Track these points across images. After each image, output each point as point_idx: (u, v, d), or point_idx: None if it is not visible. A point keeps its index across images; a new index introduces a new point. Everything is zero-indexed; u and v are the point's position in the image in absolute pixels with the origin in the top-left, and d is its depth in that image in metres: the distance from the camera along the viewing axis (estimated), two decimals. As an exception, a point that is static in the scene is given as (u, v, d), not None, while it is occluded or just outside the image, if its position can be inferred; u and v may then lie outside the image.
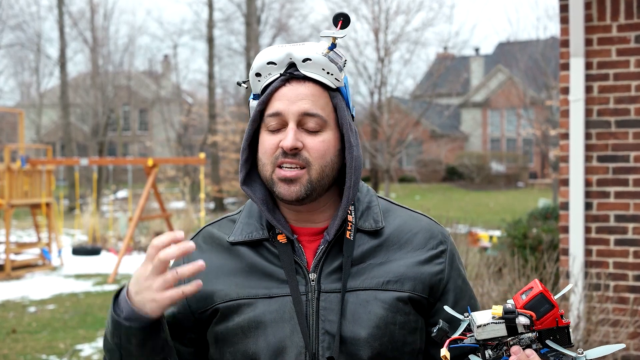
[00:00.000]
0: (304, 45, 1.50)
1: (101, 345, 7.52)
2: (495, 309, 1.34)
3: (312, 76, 1.49)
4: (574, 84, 4.86)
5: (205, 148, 26.87)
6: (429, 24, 21.26)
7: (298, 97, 1.48)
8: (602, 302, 4.67)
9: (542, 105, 24.20)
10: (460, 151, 41.80)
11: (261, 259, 1.54)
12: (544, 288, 1.34)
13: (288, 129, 1.48)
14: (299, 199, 1.49)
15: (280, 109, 1.48)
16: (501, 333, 1.33)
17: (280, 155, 1.48)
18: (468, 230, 12.89)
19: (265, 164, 1.51)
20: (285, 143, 1.46)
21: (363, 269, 1.52)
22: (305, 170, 1.48)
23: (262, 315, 1.49)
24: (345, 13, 1.51)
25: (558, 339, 1.36)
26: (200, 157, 14.25)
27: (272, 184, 1.50)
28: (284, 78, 1.49)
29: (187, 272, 1.39)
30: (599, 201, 4.88)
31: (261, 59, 1.50)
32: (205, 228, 1.64)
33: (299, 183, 1.48)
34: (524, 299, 1.34)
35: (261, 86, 1.52)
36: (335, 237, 1.53)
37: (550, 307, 1.33)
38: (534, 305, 1.33)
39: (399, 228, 1.58)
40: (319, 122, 1.49)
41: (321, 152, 1.49)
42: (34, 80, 35.39)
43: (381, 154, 19.72)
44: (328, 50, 1.47)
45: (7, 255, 12.11)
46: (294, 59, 1.48)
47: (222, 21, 28.58)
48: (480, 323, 1.33)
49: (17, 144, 15.45)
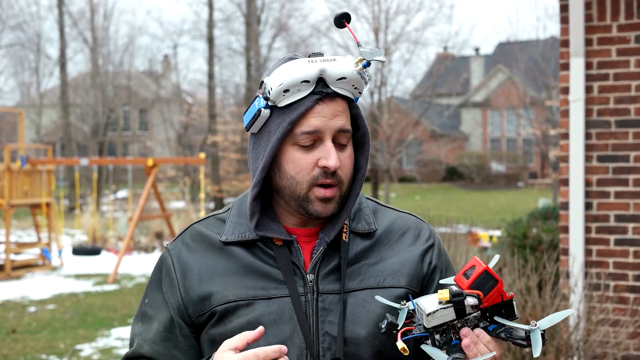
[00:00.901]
0: (337, 62, 1.46)
1: (101, 345, 7.52)
2: (442, 293, 1.32)
3: (343, 93, 1.48)
4: (574, 84, 4.86)
5: (205, 148, 26.86)
6: (429, 24, 21.22)
7: (333, 114, 1.47)
8: (602, 302, 4.67)
9: (542, 105, 24.20)
10: (460, 151, 41.80)
11: (256, 260, 1.53)
12: (486, 264, 1.33)
13: (327, 147, 1.47)
14: (331, 215, 1.51)
15: (317, 126, 1.46)
16: (450, 317, 1.32)
17: (321, 176, 1.47)
18: (468, 230, 12.90)
19: (300, 182, 1.48)
20: (331, 163, 1.45)
21: (358, 270, 1.53)
22: (338, 187, 1.50)
23: (261, 317, 1.49)
24: (347, 13, 1.50)
25: (504, 314, 1.35)
26: (200, 157, 14.25)
27: (306, 202, 1.49)
28: (318, 98, 1.46)
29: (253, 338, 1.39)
30: (599, 201, 4.88)
31: (294, 76, 1.43)
32: (192, 226, 1.62)
33: (334, 201, 1.50)
34: (468, 279, 1.32)
35: (286, 101, 1.46)
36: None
37: (495, 283, 1.32)
38: (479, 283, 1.31)
39: (388, 228, 1.60)
40: (348, 137, 1.51)
41: (350, 168, 1.52)
42: (34, 80, 35.39)
43: (381, 154, 19.72)
44: (361, 67, 1.46)
45: (7, 255, 12.11)
46: (327, 77, 1.45)
47: (222, 21, 28.56)
48: (430, 310, 1.31)
49: (17, 144, 15.45)
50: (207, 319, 1.53)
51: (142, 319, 1.59)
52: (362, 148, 1.55)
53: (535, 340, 1.31)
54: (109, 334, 8.05)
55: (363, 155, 1.55)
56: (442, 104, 34.50)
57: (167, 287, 1.57)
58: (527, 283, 4.50)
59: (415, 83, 25.53)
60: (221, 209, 1.65)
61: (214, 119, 25.07)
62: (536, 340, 1.31)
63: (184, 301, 1.54)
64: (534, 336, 1.31)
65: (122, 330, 8.21)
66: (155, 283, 1.60)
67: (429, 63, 28.06)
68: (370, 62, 1.46)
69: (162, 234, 16.00)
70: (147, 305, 1.60)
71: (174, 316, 1.55)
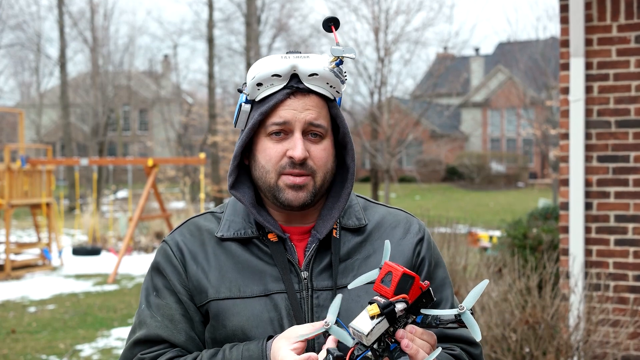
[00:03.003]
0: (309, 59, 1.51)
1: (101, 345, 7.52)
2: (371, 309, 1.32)
3: (316, 90, 1.53)
4: (574, 84, 4.86)
5: (205, 148, 26.87)
6: (429, 24, 21.22)
7: (304, 108, 1.52)
8: (602, 302, 4.67)
9: (542, 105, 24.20)
10: (460, 151, 41.79)
11: (252, 257, 1.56)
12: (399, 265, 1.34)
13: (295, 139, 1.52)
14: (304, 204, 1.54)
15: (287, 118, 1.51)
16: (385, 327, 1.33)
17: (288, 165, 1.52)
18: (468, 231, 12.89)
19: (269, 171, 1.53)
20: (296, 154, 1.50)
21: (351, 265, 1.56)
22: (311, 177, 1.53)
23: (260, 314, 1.52)
24: (335, 17, 1.54)
25: (425, 302, 1.37)
26: (200, 157, 14.25)
27: (277, 191, 1.53)
28: (289, 92, 1.51)
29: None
30: (599, 201, 4.88)
31: (265, 70, 1.50)
32: (191, 220, 1.66)
33: (306, 190, 1.53)
34: (390, 286, 1.33)
35: (261, 95, 1.53)
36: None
37: (412, 280, 1.34)
38: (402, 286, 1.33)
39: (379, 223, 1.64)
40: (321, 131, 1.54)
41: (324, 160, 1.55)
42: (34, 80, 35.40)
43: (381, 154, 19.71)
44: (334, 66, 1.50)
45: (7, 255, 12.11)
46: (299, 73, 1.51)
47: (222, 21, 28.55)
48: (367, 330, 1.31)
49: (17, 144, 15.45)
50: (207, 312, 1.56)
51: (147, 305, 1.59)
52: (346, 147, 1.60)
53: (469, 321, 1.32)
54: (109, 334, 8.05)
55: (348, 154, 1.60)
56: (442, 104, 34.47)
57: (170, 274, 1.58)
58: (527, 283, 4.50)
59: (415, 83, 25.51)
60: (217, 207, 1.69)
61: (214, 119, 25.07)
62: (471, 322, 1.32)
63: (189, 286, 1.57)
64: (466, 319, 1.32)
65: (122, 330, 8.21)
66: (156, 273, 1.61)
67: (429, 63, 28.06)
68: (343, 60, 1.50)
69: (162, 234, 16.00)
70: (150, 295, 1.60)
71: (182, 298, 1.56)
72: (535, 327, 4.24)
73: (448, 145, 40.30)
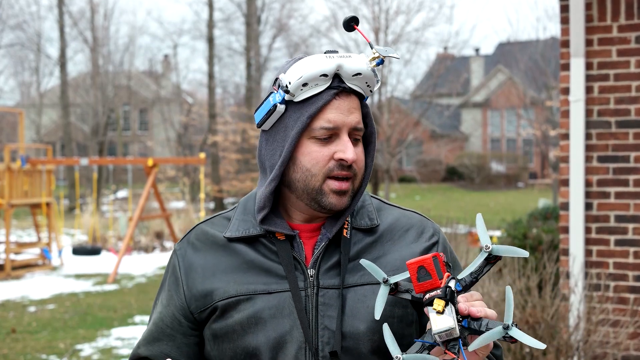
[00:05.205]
0: (352, 58, 1.50)
1: (101, 345, 7.52)
2: (436, 305, 1.33)
3: (358, 90, 1.53)
4: (574, 84, 4.86)
5: (205, 148, 26.86)
6: (429, 24, 21.26)
7: (349, 110, 1.51)
8: (602, 302, 4.67)
9: (542, 105, 24.19)
10: (460, 151, 41.78)
11: (259, 255, 1.56)
12: (419, 258, 1.36)
13: (343, 141, 1.50)
14: (345, 208, 1.55)
15: (336, 121, 1.50)
16: (454, 310, 1.34)
17: (337, 168, 1.51)
18: (468, 231, 12.90)
19: (316, 174, 1.51)
20: (349, 156, 1.49)
21: (360, 265, 1.54)
22: (352, 180, 1.54)
23: (261, 311, 1.51)
24: (355, 16, 1.55)
25: (452, 267, 1.42)
26: (200, 157, 14.26)
27: (319, 194, 1.52)
28: (335, 92, 1.50)
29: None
30: (599, 201, 4.88)
31: (313, 70, 1.47)
32: (198, 226, 1.66)
33: (348, 194, 1.54)
34: (432, 277, 1.34)
35: (304, 95, 1.49)
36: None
37: (437, 258, 1.36)
38: (438, 269, 1.35)
39: (392, 225, 1.62)
40: (361, 134, 1.55)
41: (363, 163, 1.56)
42: (34, 80, 35.37)
43: (381, 154, 19.72)
44: (375, 65, 1.51)
45: (7, 255, 12.11)
46: (343, 72, 1.50)
47: (222, 21, 28.56)
48: (451, 323, 1.32)
49: (17, 143, 15.45)
50: (209, 315, 1.56)
51: (149, 319, 1.67)
52: (368, 147, 1.59)
53: (520, 336, 1.30)
54: (109, 334, 8.05)
55: (369, 154, 1.59)
56: (442, 104, 34.49)
57: (171, 286, 1.62)
58: (527, 283, 4.50)
59: (416, 83, 25.55)
60: (228, 209, 1.69)
61: (214, 119, 25.07)
62: (521, 336, 1.30)
63: (186, 298, 1.58)
64: (515, 333, 1.31)
65: (122, 330, 8.21)
66: (163, 284, 1.66)
67: (429, 63, 28.09)
68: (384, 60, 1.50)
69: (162, 234, 16.01)
70: (155, 306, 1.67)
71: (175, 313, 1.59)
72: (535, 327, 4.24)
73: (448, 145, 40.32)
